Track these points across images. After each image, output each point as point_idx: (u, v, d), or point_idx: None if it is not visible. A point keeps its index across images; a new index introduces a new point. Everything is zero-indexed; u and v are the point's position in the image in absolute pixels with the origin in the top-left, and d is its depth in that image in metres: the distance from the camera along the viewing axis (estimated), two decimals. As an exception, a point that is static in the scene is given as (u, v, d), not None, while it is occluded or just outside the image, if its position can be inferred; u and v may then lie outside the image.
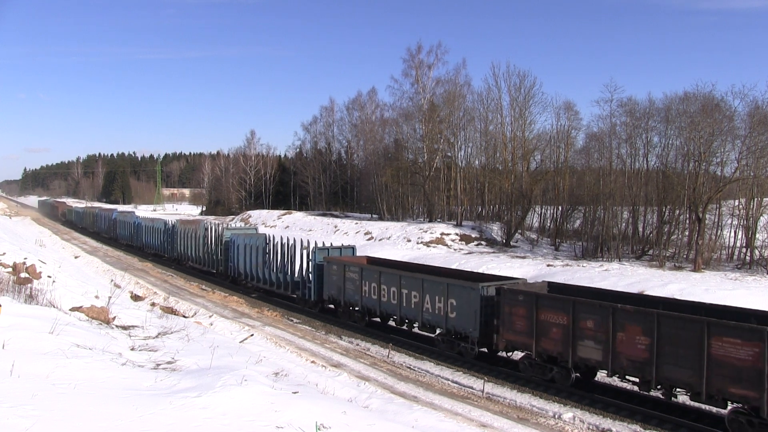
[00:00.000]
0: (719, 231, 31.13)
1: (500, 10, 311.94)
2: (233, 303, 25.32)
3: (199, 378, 9.28)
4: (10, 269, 21.16)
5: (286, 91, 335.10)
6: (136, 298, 24.96)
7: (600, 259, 32.14)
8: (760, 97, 38.79)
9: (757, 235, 29.88)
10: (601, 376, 14.27)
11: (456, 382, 15.04)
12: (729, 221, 31.53)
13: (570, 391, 14.03)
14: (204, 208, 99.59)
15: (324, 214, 61.21)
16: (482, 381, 14.53)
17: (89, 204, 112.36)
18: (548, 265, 27.67)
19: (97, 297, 18.72)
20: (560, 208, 41.07)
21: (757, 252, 29.17)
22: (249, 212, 68.65)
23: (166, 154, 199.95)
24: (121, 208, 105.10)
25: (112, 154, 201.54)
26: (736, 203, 31.37)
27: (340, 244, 25.84)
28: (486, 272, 21.75)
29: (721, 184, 30.15)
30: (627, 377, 12.90)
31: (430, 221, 47.69)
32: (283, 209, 69.01)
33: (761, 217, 30.31)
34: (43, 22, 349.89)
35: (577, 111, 62.54)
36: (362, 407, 11.61)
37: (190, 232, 35.50)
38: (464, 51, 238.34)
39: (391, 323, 20.14)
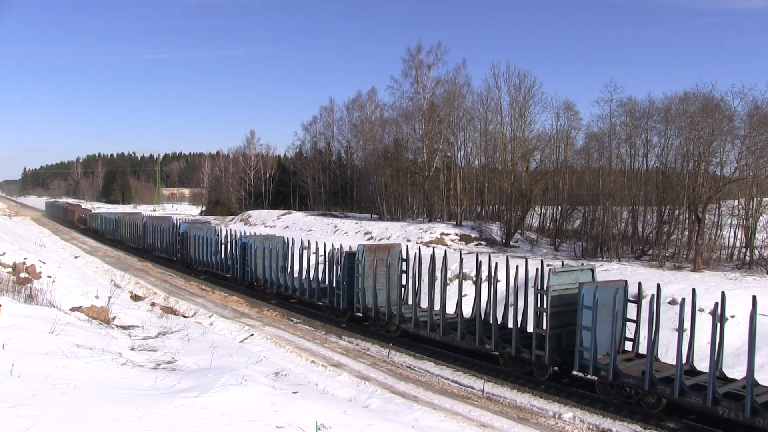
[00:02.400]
0: (719, 231, 31.10)
1: (500, 10, 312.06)
2: (233, 303, 25.32)
3: (199, 378, 9.28)
4: (10, 269, 21.16)
5: (286, 91, 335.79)
6: (136, 298, 24.97)
7: (600, 259, 32.13)
8: (760, 97, 38.81)
9: (757, 235, 29.87)
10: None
11: (456, 382, 15.04)
12: (729, 221, 31.50)
13: (570, 390, 14.03)
14: (204, 208, 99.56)
15: (324, 214, 61.20)
16: (482, 381, 14.53)
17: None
18: (548, 265, 27.66)
19: (97, 297, 18.72)
20: (560, 208, 41.05)
21: (756, 252, 29.15)
22: (249, 212, 68.62)
23: (165, 154, 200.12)
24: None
25: (111, 154, 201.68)
26: (736, 203, 31.35)
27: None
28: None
29: (721, 184, 30.13)
30: None
31: (429, 221, 47.68)
32: (283, 209, 68.99)
33: (761, 217, 30.29)
34: (42, 21, 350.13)
35: (577, 111, 62.72)
36: (362, 407, 11.61)
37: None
38: (464, 51, 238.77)
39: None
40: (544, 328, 14.07)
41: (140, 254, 42.95)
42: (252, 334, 19.00)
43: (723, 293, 12.21)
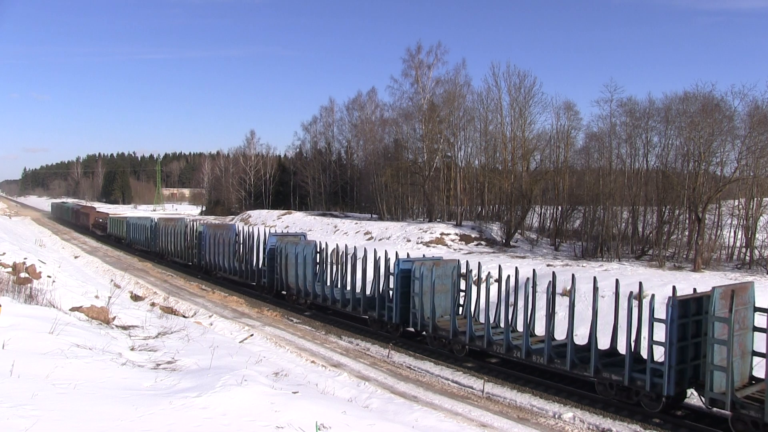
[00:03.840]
0: (719, 231, 31.10)
1: (500, 10, 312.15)
2: (233, 303, 25.31)
3: (199, 378, 9.28)
4: (10, 269, 21.17)
5: (286, 91, 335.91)
6: (136, 298, 24.98)
7: (600, 259, 32.13)
8: (760, 97, 38.89)
9: (757, 235, 29.86)
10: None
11: (456, 382, 15.04)
12: (729, 221, 31.50)
13: (570, 390, 14.04)
14: (204, 208, 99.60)
15: (324, 214, 61.20)
16: (482, 381, 14.54)
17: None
18: (548, 265, 27.66)
19: (97, 297, 18.73)
20: (560, 208, 41.03)
21: (756, 252, 29.16)
22: (249, 212, 68.64)
23: (166, 154, 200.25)
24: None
25: (111, 154, 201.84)
26: (736, 203, 31.35)
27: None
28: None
29: (721, 184, 30.13)
30: None
31: (429, 221, 47.67)
32: (283, 209, 68.98)
33: (761, 217, 30.28)
34: (42, 21, 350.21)
35: (577, 111, 62.56)
36: (362, 407, 11.61)
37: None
38: (464, 51, 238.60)
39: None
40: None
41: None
42: (252, 334, 19.00)
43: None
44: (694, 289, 14.01)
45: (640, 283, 14.64)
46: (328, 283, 22.40)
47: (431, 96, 53.64)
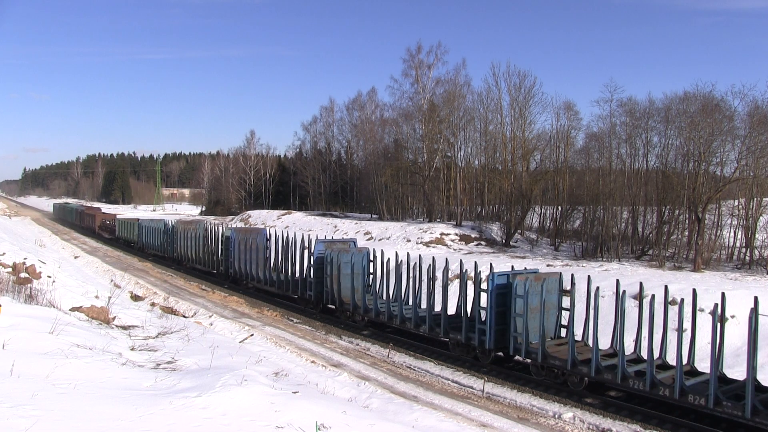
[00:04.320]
0: (719, 231, 31.10)
1: (500, 10, 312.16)
2: (233, 303, 25.30)
3: (199, 378, 9.28)
4: (10, 269, 21.17)
5: (286, 91, 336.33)
6: (136, 298, 24.98)
7: (600, 259, 32.14)
8: (760, 97, 39.04)
9: (757, 235, 29.87)
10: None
11: (456, 382, 15.04)
12: (729, 221, 31.51)
13: (570, 390, 14.03)
14: (204, 208, 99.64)
15: (324, 214, 61.21)
16: (482, 381, 14.53)
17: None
18: (548, 265, 27.65)
19: (97, 297, 18.73)
20: (560, 208, 41.05)
21: (756, 252, 29.16)
22: (249, 212, 68.65)
23: (165, 154, 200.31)
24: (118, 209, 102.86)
25: (111, 154, 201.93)
26: (736, 203, 31.36)
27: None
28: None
29: (721, 184, 30.13)
30: None
31: (429, 221, 47.67)
32: (283, 209, 69.01)
33: (761, 217, 30.29)
34: (42, 21, 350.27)
35: (577, 111, 62.81)
36: (362, 407, 11.61)
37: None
38: (464, 51, 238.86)
39: None
40: None
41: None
42: (252, 334, 19.00)
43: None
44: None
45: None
46: (392, 298, 19.30)
47: (431, 96, 53.68)
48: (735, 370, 13.91)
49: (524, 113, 44.93)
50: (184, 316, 20.67)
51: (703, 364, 13.46)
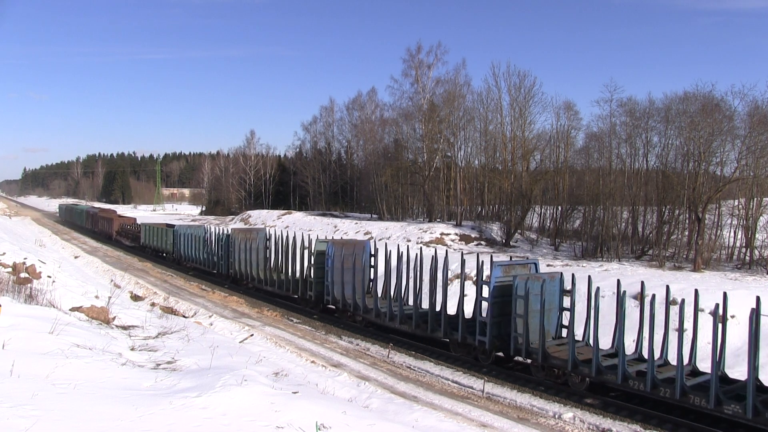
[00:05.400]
0: (719, 231, 31.10)
1: (500, 10, 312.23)
2: (233, 303, 25.30)
3: (199, 378, 9.28)
4: (10, 269, 21.17)
5: (286, 91, 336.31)
6: (136, 298, 24.98)
7: (600, 259, 32.13)
8: (760, 97, 39.02)
9: (757, 235, 29.86)
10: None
11: (456, 382, 15.03)
12: (729, 221, 31.50)
13: (570, 391, 14.03)
14: (204, 208, 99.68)
15: (324, 214, 61.22)
16: (482, 381, 14.53)
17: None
18: (548, 265, 27.64)
19: (97, 297, 18.73)
20: (560, 208, 41.05)
21: (756, 252, 29.15)
22: (249, 212, 68.68)
23: (166, 154, 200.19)
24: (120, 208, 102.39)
25: (111, 154, 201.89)
26: (736, 203, 31.35)
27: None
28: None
29: (721, 184, 30.13)
30: None
31: (429, 221, 47.67)
32: (283, 209, 69.02)
33: (761, 217, 30.28)
34: (42, 21, 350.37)
35: (577, 111, 62.77)
36: (362, 407, 11.61)
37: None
38: (464, 51, 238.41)
39: None
40: None
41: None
42: (252, 334, 19.00)
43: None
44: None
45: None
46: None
47: (431, 96, 53.68)
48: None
49: (524, 113, 44.93)
50: (184, 316, 20.67)
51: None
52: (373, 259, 20.92)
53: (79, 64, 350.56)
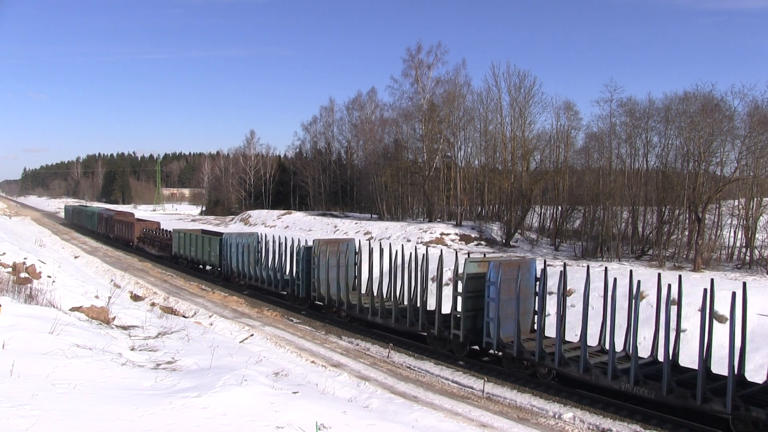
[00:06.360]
0: (719, 231, 31.09)
1: (500, 10, 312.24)
2: (233, 303, 25.30)
3: (199, 378, 9.28)
4: (10, 269, 21.17)
5: (286, 91, 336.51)
6: (136, 298, 24.98)
7: (600, 258, 32.12)
8: (760, 97, 38.88)
9: (757, 235, 29.84)
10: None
11: (456, 382, 15.03)
12: (729, 221, 31.49)
13: (570, 391, 14.03)
14: (204, 208, 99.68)
15: (324, 214, 61.21)
16: (482, 381, 14.53)
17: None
18: (548, 265, 27.68)
19: (97, 297, 18.73)
20: (560, 208, 41.03)
21: (756, 252, 29.14)
22: (249, 212, 68.66)
23: (166, 154, 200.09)
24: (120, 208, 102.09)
25: (111, 154, 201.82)
26: (736, 203, 31.34)
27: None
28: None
29: (721, 184, 30.12)
30: None
31: (429, 221, 47.66)
32: (283, 209, 69.00)
33: (761, 217, 30.27)
34: (42, 21, 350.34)
35: (577, 111, 62.66)
36: (362, 407, 11.61)
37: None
38: (464, 51, 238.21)
39: None
40: None
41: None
42: (252, 334, 19.00)
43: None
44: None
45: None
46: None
47: (431, 96, 53.65)
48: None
49: (524, 113, 44.90)
50: (184, 316, 20.67)
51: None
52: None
53: (79, 64, 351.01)
